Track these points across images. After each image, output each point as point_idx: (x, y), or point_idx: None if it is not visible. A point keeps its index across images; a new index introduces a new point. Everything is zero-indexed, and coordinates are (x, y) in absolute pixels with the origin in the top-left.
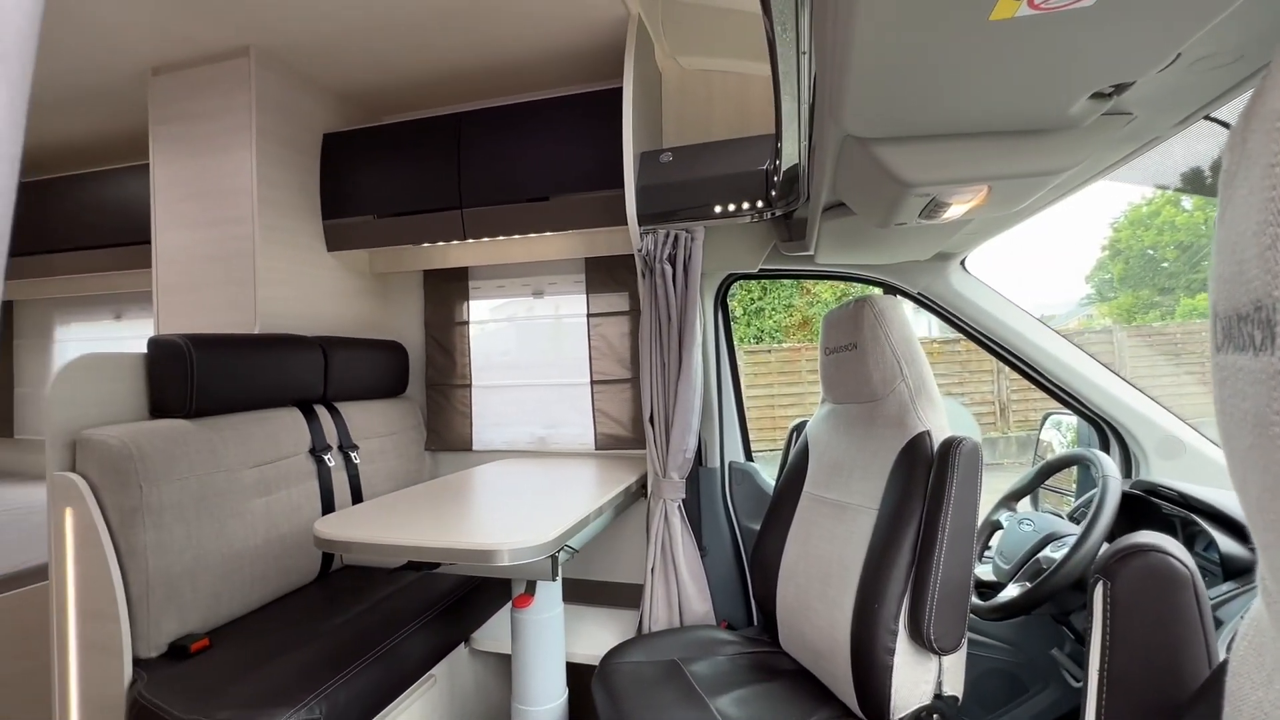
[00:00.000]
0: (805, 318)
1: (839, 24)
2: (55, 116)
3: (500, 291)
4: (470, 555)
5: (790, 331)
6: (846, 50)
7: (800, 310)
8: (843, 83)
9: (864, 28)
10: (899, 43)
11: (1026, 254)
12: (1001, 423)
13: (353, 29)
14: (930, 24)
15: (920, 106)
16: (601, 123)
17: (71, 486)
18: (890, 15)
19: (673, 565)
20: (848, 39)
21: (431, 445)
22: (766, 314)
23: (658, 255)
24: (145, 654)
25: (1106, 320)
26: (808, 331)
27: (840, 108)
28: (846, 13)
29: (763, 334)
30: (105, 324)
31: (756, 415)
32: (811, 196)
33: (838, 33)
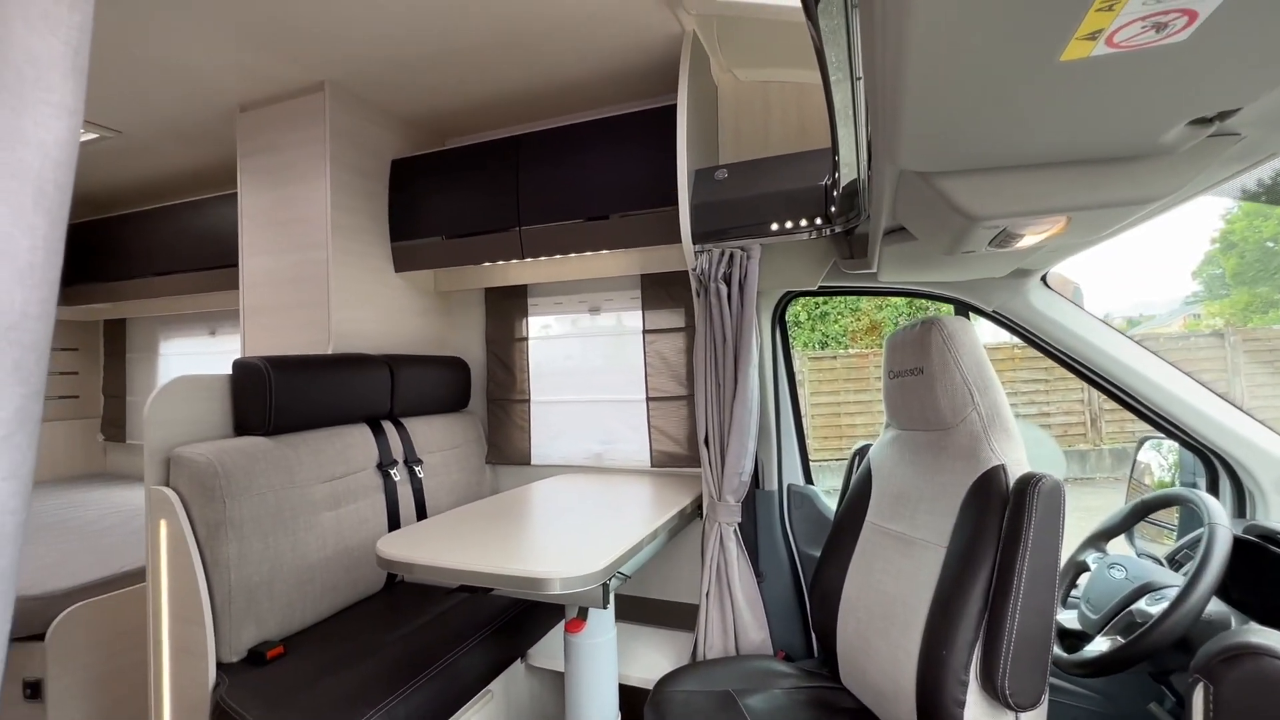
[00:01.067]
0: (874, 322)
1: (889, 63)
2: (156, 152)
3: (558, 308)
4: (522, 582)
5: (857, 336)
6: (898, 90)
7: (868, 314)
8: (897, 120)
9: (916, 69)
10: (954, 83)
11: (1122, 248)
12: (1093, 434)
13: (418, 59)
14: (987, 67)
15: (983, 141)
16: (656, 140)
17: (165, 500)
18: (942, 57)
19: (728, 591)
20: (899, 80)
21: (492, 459)
22: (832, 318)
23: (712, 274)
24: (227, 659)
25: (1217, 321)
26: (876, 336)
27: (895, 144)
28: (895, 54)
29: (828, 339)
30: (202, 339)
31: (821, 424)
32: (872, 217)
33: (888, 72)
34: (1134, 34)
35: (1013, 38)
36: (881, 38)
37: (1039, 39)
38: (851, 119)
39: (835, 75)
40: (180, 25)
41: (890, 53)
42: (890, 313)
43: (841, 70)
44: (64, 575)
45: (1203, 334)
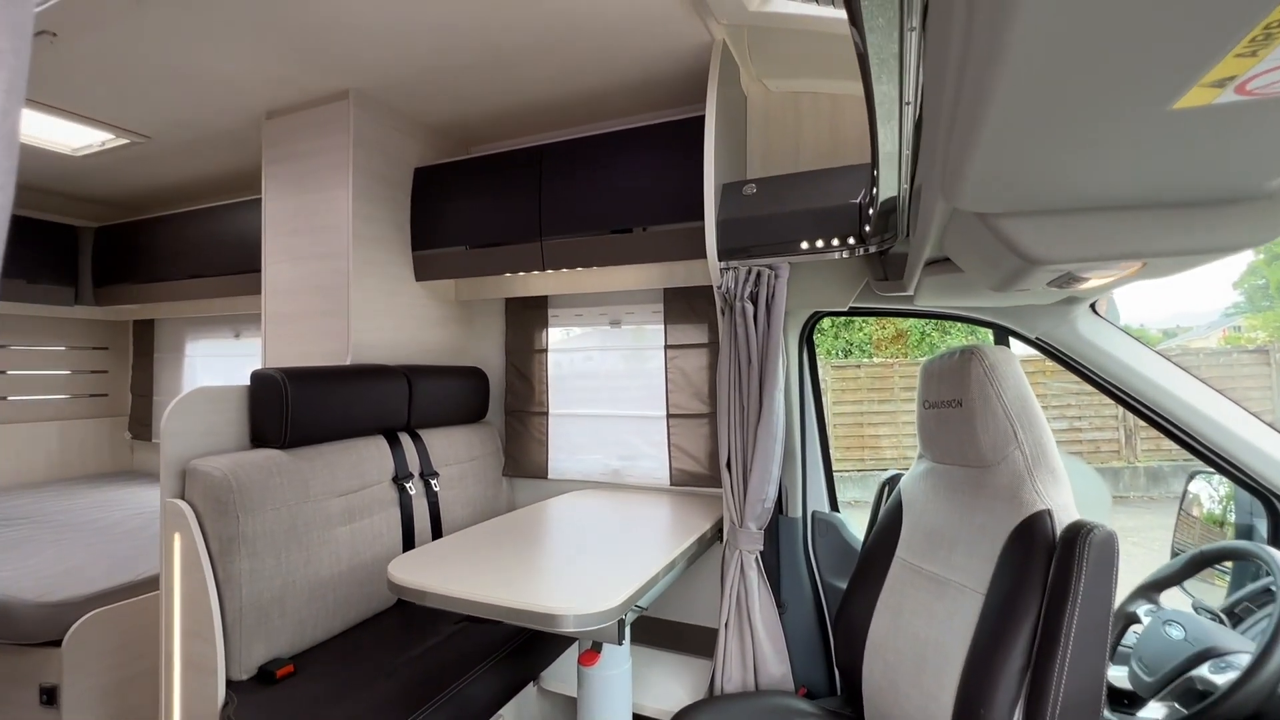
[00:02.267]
0: (899, 330)
1: (963, 104)
2: (185, 157)
3: (578, 320)
4: (534, 617)
5: (882, 345)
6: (971, 131)
7: (893, 322)
8: (962, 162)
9: (999, 113)
10: (1040, 128)
11: None
12: (1127, 451)
13: (442, 67)
14: (1085, 114)
15: (1057, 184)
16: (682, 152)
17: (179, 513)
18: (1033, 102)
19: (748, 622)
20: (974, 122)
21: (509, 471)
22: (856, 325)
23: (738, 293)
24: (237, 676)
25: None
26: (901, 344)
27: (955, 185)
28: (976, 96)
29: (852, 347)
30: (226, 341)
31: (844, 434)
32: (913, 244)
33: (961, 113)
34: (1274, 81)
35: (1123, 84)
36: (958, 79)
37: (1154, 86)
38: (897, 138)
39: (881, 99)
40: (208, 33)
41: (968, 94)
42: (917, 321)
43: (889, 94)
44: (83, 581)
45: (1245, 350)
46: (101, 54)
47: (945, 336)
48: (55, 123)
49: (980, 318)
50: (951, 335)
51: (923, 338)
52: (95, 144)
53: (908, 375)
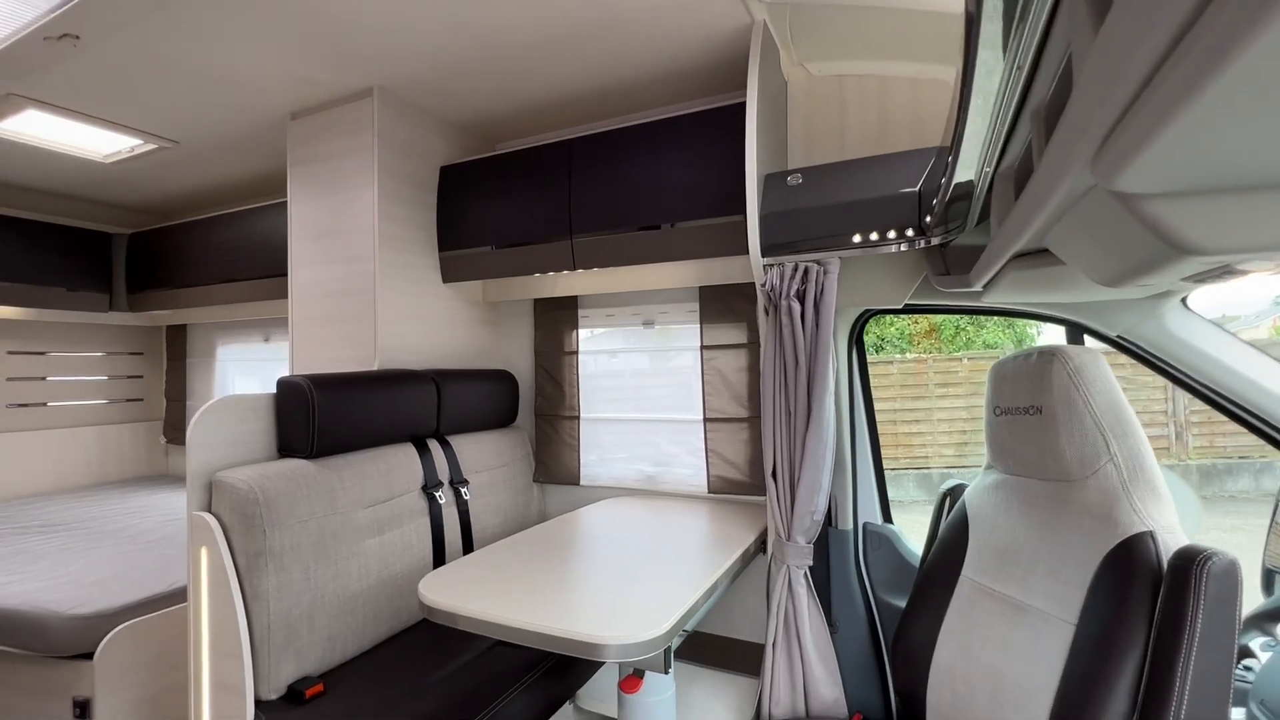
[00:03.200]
0: (933, 325)
1: (1181, 68)
2: (213, 161)
3: (609, 320)
4: (573, 645)
5: (915, 340)
6: (1179, 102)
7: (927, 317)
8: (1145, 135)
9: (1239, 75)
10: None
11: None
12: (1178, 448)
13: (466, 60)
14: None
15: (1254, 157)
16: (720, 142)
17: (206, 527)
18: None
19: (797, 641)
20: (1195, 88)
21: (540, 477)
22: (887, 320)
23: (784, 291)
24: (266, 695)
25: None
26: (935, 340)
27: (1119, 161)
28: (1207, 58)
29: (883, 342)
30: (256, 345)
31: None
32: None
33: (1173, 76)
34: None
35: None
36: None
37: None
38: (993, 111)
39: (986, 62)
40: (231, 33)
41: (1196, 60)
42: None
43: (993, 50)
44: (115, 593)
45: None
46: (125, 57)
47: (980, 331)
48: (85, 129)
49: (1054, 314)
50: (986, 329)
51: (957, 332)
52: (125, 150)
53: (942, 371)
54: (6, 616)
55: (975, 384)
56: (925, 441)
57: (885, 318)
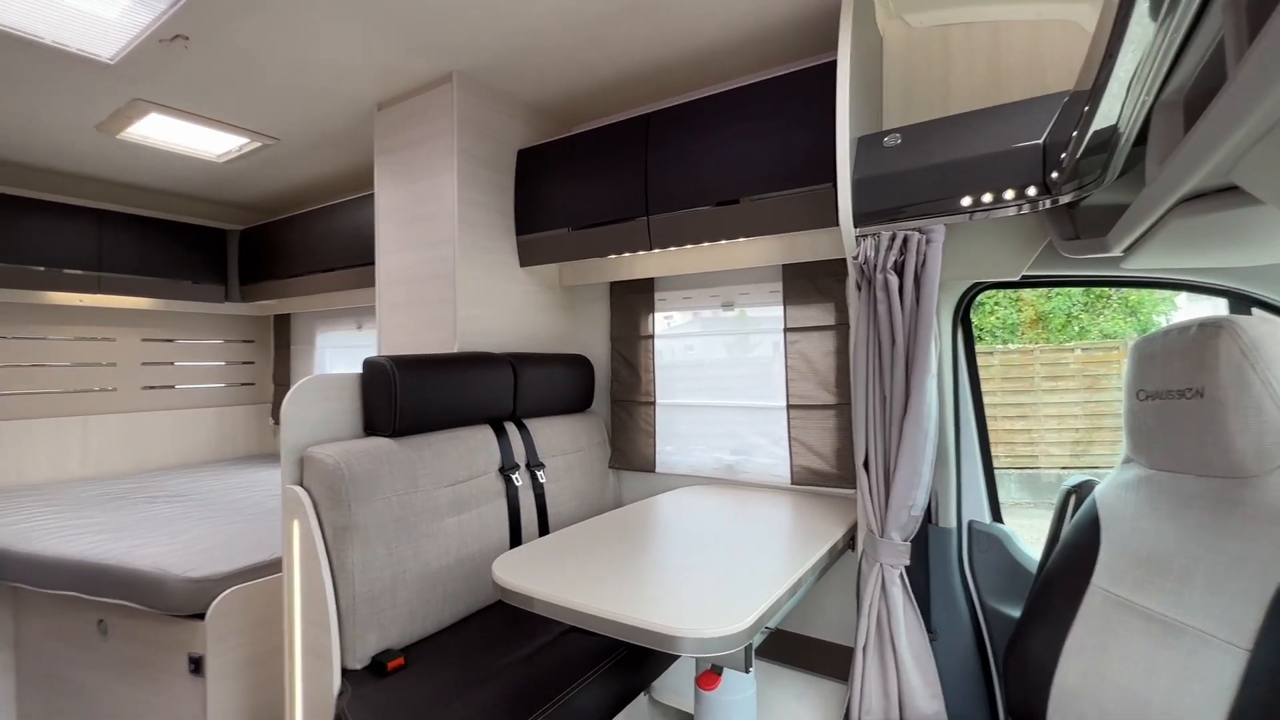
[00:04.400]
0: (1039, 313)
1: None
2: (310, 157)
3: (687, 303)
4: (649, 636)
5: (1019, 330)
6: None
7: (1032, 304)
8: None
9: None
10: None
11: None
12: None
13: (544, 37)
14: None
15: None
16: (806, 107)
17: (297, 500)
18: None
19: (891, 647)
20: None
21: (615, 464)
22: (987, 308)
23: (879, 263)
24: (351, 665)
25: None
26: (1042, 330)
27: None
28: None
29: (982, 332)
30: (350, 332)
31: None
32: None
33: None
34: None
35: None
36: None
37: None
38: (1150, 40)
39: None
40: (322, 26)
41: None
42: (1062, 302)
43: None
44: (224, 559)
45: None
46: (230, 55)
47: (1096, 319)
48: (200, 130)
49: (1214, 284)
50: (1104, 317)
51: (1068, 321)
52: (234, 149)
53: (1050, 363)
54: (134, 576)
55: (1090, 377)
56: (1030, 439)
57: (985, 306)
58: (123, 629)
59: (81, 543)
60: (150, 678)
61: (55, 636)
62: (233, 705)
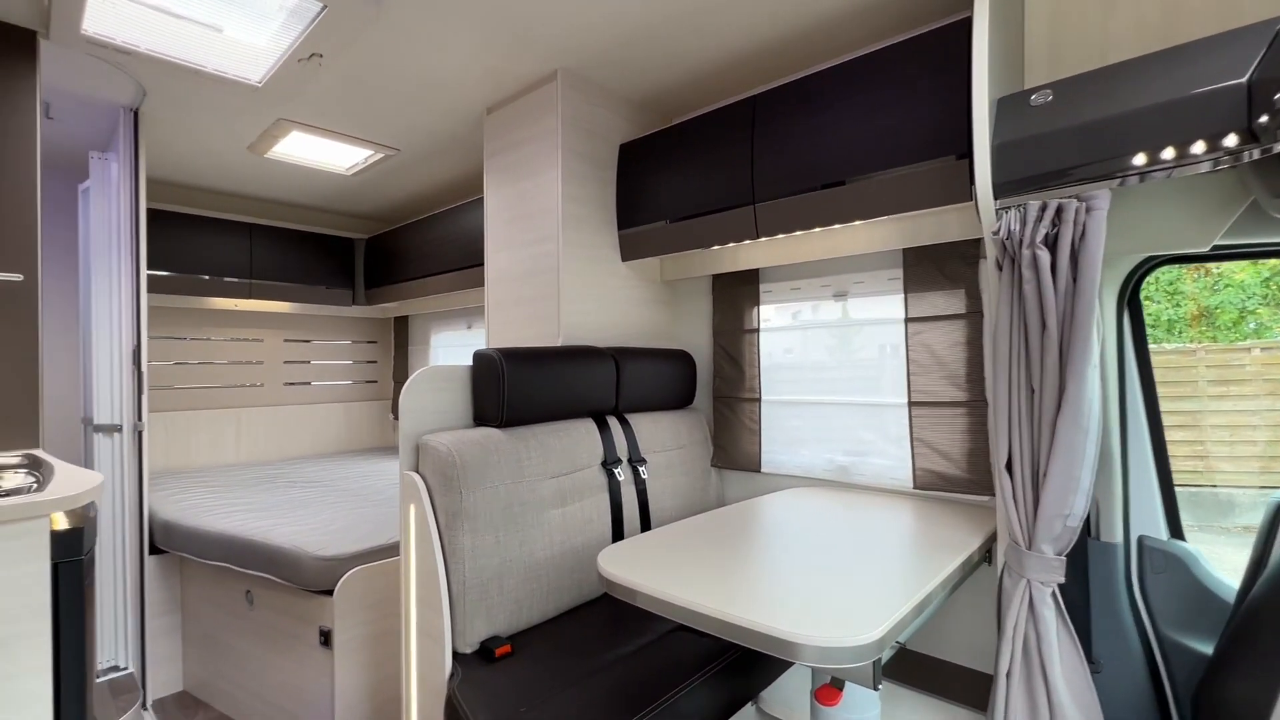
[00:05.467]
0: (1204, 308)
1: None
2: (426, 165)
3: (795, 294)
4: (763, 640)
5: (1178, 327)
6: None
7: (1194, 298)
8: None
9: None
10: None
11: None
12: None
13: (647, 28)
14: None
15: None
16: (931, 73)
17: (414, 485)
18: None
19: (1041, 676)
20: None
21: (718, 462)
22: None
23: (1026, 237)
24: (461, 649)
25: None
26: (1207, 328)
27: None
28: None
29: None
30: (461, 332)
31: None
32: None
33: None
34: None
35: None
36: None
37: None
38: None
39: None
40: (435, 35)
41: None
42: (1232, 294)
43: None
44: (350, 540)
45: None
46: (357, 70)
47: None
48: (333, 145)
49: None
50: None
51: (1241, 317)
52: (361, 161)
53: (1218, 365)
54: (276, 552)
55: (1273, 381)
56: (1194, 452)
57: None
58: (266, 600)
59: (233, 520)
60: (288, 646)
61: (212, 603)
62: (355, 678)
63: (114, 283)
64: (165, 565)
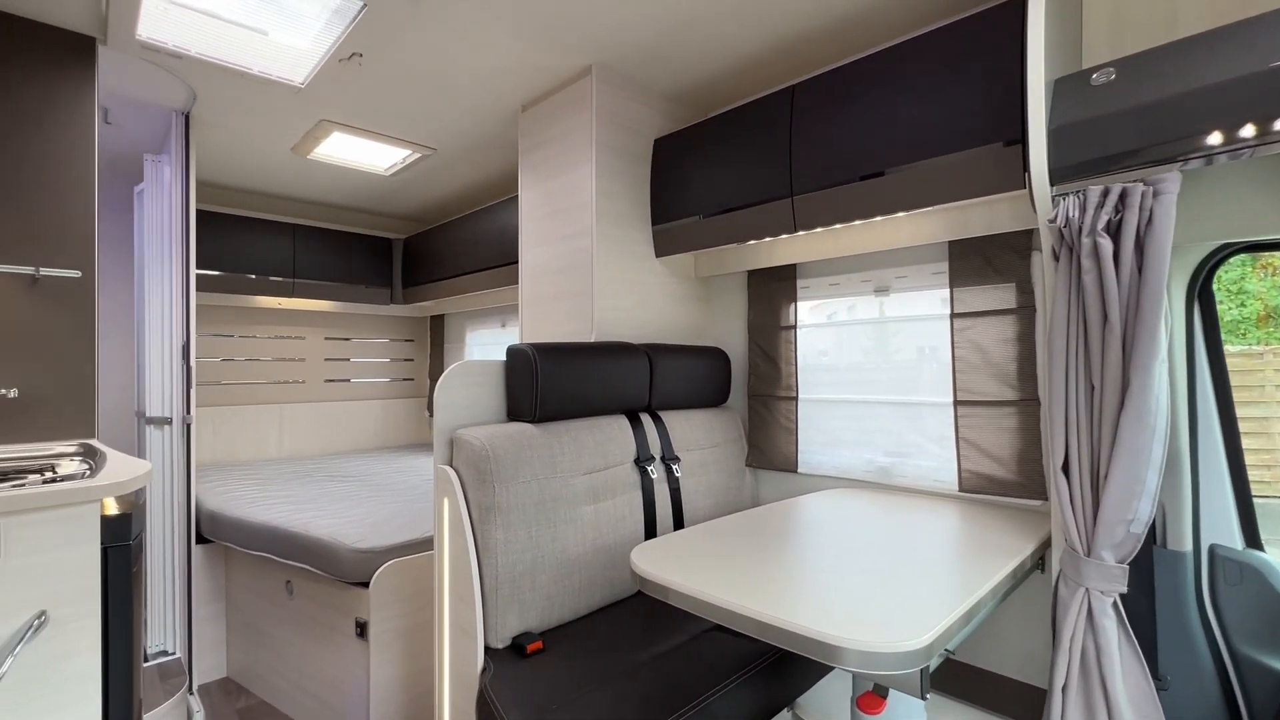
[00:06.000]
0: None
1: None
2: (461, 164)
3: (833, 290)
4: (801, 642)
5: (1243, 328)
6: None
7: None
8: None
9: None
10: None
11: None
12: None
13: (684, 19)
14: None
15: None
16: (982, 55)
17: (447, 479)
18: None
19: (1102, 692)
20: None
21: (753, 462)
22: None
23: (1086, 225)
24: (493, 644)
25: None
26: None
27: None
28: None
29: None
30: (495, 330)
31: None
32: None
33: None
34: None
35: None
36: None
37: None
38: None
39: None
40: (474, 33)
41: None
42: None
43: None
44: (385, 534)
45: None
46: (395, 69)
47: None
48: (372, 146)
49: None
50: None
51: None
52: (399, 161)
53: None
54: (315, 544)
55: None
56: (1262, 460)
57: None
58: (305, 590)
59: (274, 511)
60: (325, 637)
61: (254, 592)
62: (390, 671)
63: (165, 281)
64: (211, 555)
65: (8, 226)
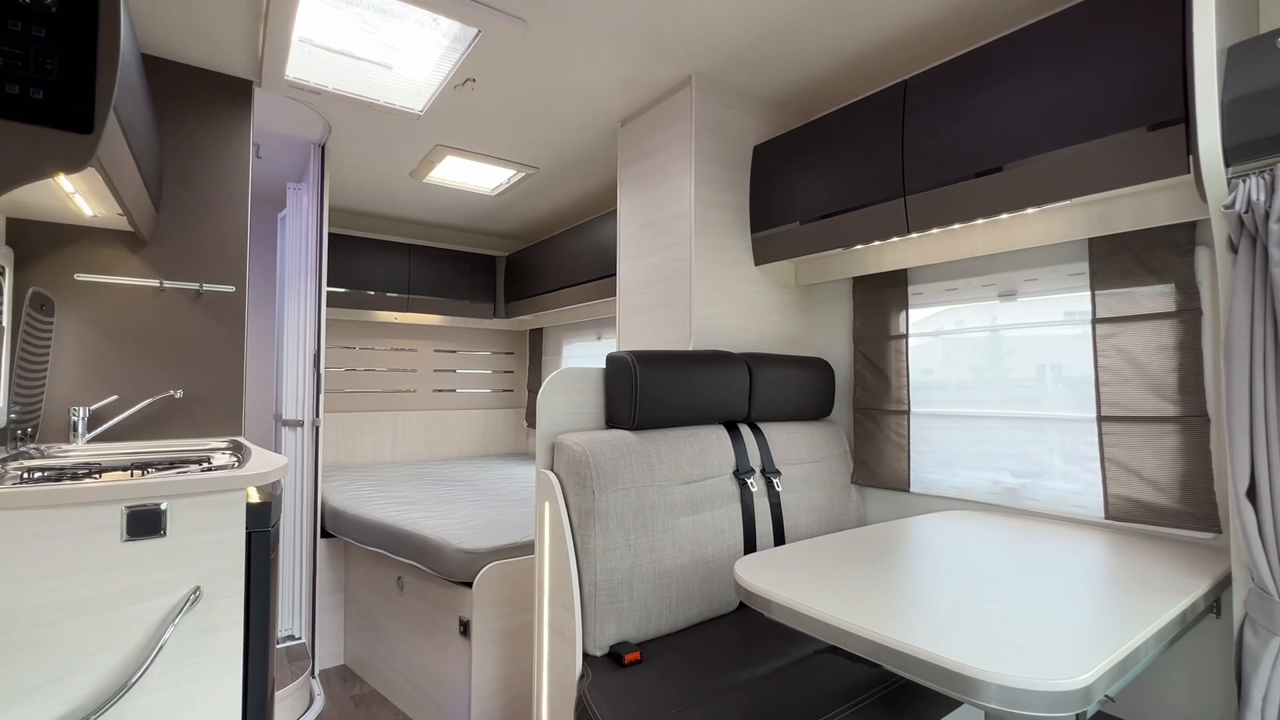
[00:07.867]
0: None
1: None
2: (562, 181)
3: (951, 296)
4: (931, 671)
5: None
6: None
7: None
8: None
9: None
10: None
11: None
12: None
13: (787, 19)
14: None
15: None
16: (1130, 29)
17: (549, 483)
18: None
19: None
20: None
21: (859, 479)
22: None
23: (1275, 209)
24: (591, 651)
25: None
26: None
27: None
28: None
29: None
30: (590, 343)
31: None
32: None
33: None
34: None
35: None
36: None
37: None
38: None
39: None
40: (577, 52)
41: None
42: None
43: None
44: (489, 536)
45: None
46: (503, 92)
47: None
48: (481, 168)
49: None
50: None
51: None
52: (505, 181)
53: None
54: (424, 542)
55: None
56: None
57: None
58: (414, 587)
59: (388, 510)
60: (431, 633)
61: (369, 585)
62: (490, 670)
63: (301, 296)
64: (332, 548)
65: (179, 249)
